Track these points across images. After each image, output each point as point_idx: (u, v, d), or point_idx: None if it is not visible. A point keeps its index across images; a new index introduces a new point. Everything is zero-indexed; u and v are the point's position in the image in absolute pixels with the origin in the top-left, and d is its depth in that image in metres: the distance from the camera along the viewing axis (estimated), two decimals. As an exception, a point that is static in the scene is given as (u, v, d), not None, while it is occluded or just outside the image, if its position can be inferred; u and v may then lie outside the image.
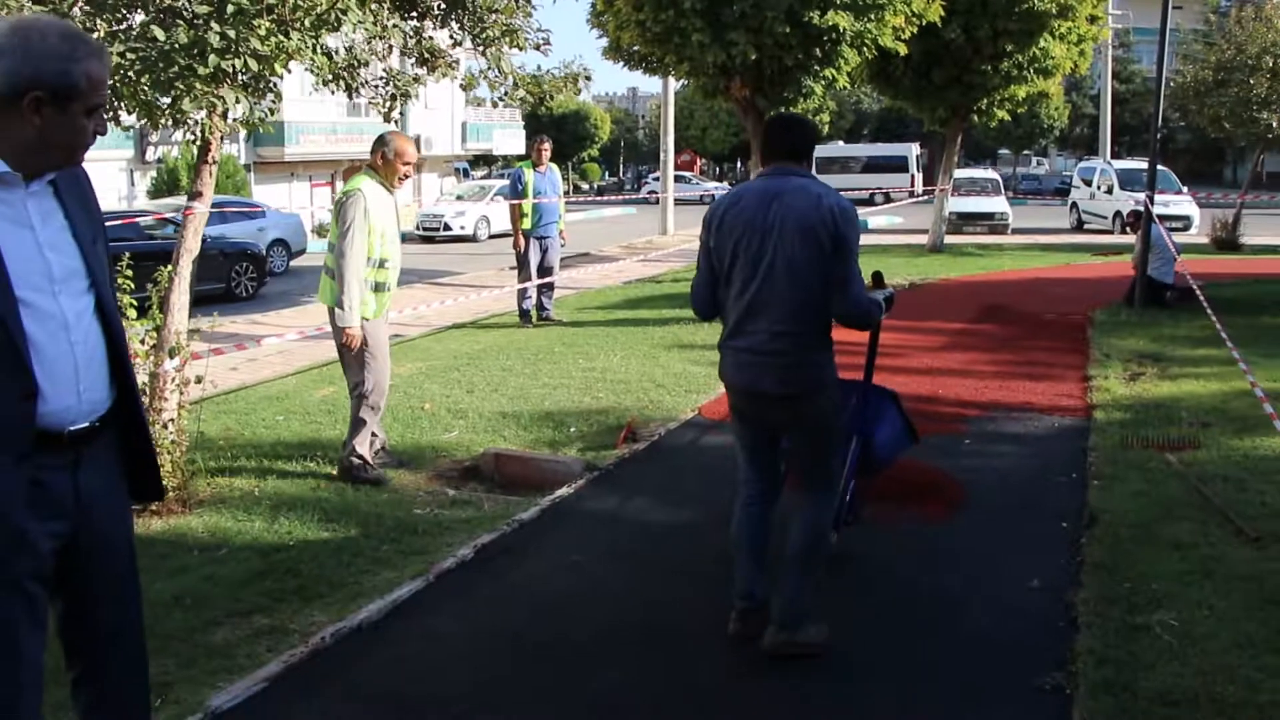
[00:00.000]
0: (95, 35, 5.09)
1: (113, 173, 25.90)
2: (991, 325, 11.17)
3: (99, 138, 2.49)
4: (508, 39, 5.97)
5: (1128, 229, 22.11)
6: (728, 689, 3.78)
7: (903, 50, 13.88)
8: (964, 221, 24.72)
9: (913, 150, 42.22)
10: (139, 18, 5.17)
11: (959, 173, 27.70)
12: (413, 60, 6.31)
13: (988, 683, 3.78)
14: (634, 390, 8.38)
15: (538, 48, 6.32)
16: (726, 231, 3.85)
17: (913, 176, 40.91)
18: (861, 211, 28.28)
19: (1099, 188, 26.81)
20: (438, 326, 11.96)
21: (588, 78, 8.89)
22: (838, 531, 4.58)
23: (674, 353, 9.99)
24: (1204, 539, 5.00)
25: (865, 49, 13.23)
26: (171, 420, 5.62)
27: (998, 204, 25.98)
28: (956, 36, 16.27)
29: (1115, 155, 34.64)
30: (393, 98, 6.10)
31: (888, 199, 35.03)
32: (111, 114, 5.61)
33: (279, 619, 4.23)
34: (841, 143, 51.18)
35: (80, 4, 5.08)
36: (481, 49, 6.11)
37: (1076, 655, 3.88)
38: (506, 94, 6.73)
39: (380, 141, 6.03)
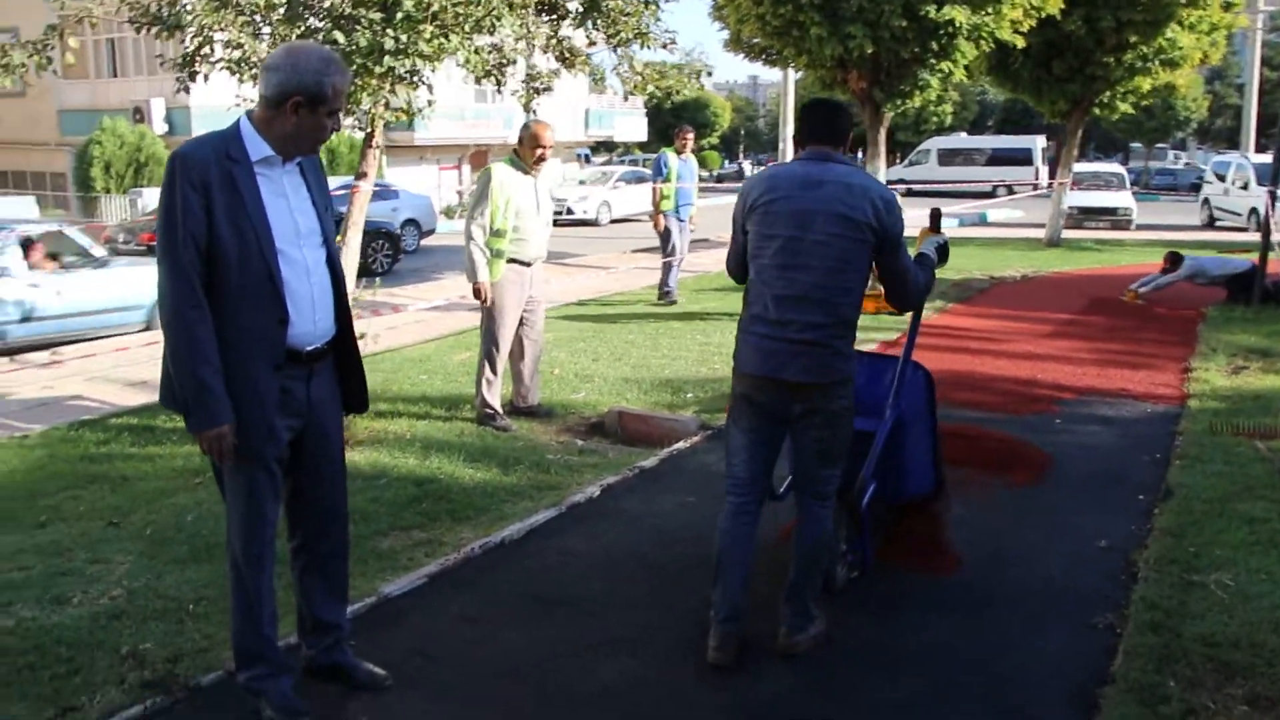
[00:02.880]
0: (285, 39, 5.91)
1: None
2: (1098, 316, 11.42)
3: (338, 131, 3.31)
4: (639, 40, 6.63)
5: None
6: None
7: (1020, 43, 14.09)
8: (1085, 216, 24.38)
9: (1038, 143, 41.54)
10: (325, 23, 5.96)
11: (1082, 166, 27.38)
12: (553, 57, 7.00)
13: (1046, 617, 4.26)
14: (726, 365, 8.93)
15: (665, 47, 6.95)
16: (761, 214, 3.78)
17: (1037, 170, 40.30)
18: (980, 205, 28.28)
19: (1234, 183, 25.86)
20: (562, 303, 12.70)
21: (709, 73, 9.47)
22: (844, 573, 4.46)
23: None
24: (1278, 516, 5.25)
25: (982, 42, 13.50)
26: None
27: (1121, 199, 25.56)
28: (1077, 28, 16.28)
29: (1260, 149, 32.65)
30: (534, 91, 6.81)
31: (1010, 192, 34.76)
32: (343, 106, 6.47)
33: (434, 534, 5.01)
34: (964, 134, 50.60)
35: (277, 14, 5.89)
36: (615, 49, 6.79)
37: (1131, 602, 4.32)
38: (636, 88, 7.37)
39: (523, 128, 6.80)
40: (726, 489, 3.98)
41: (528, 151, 6.76)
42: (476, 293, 6.90)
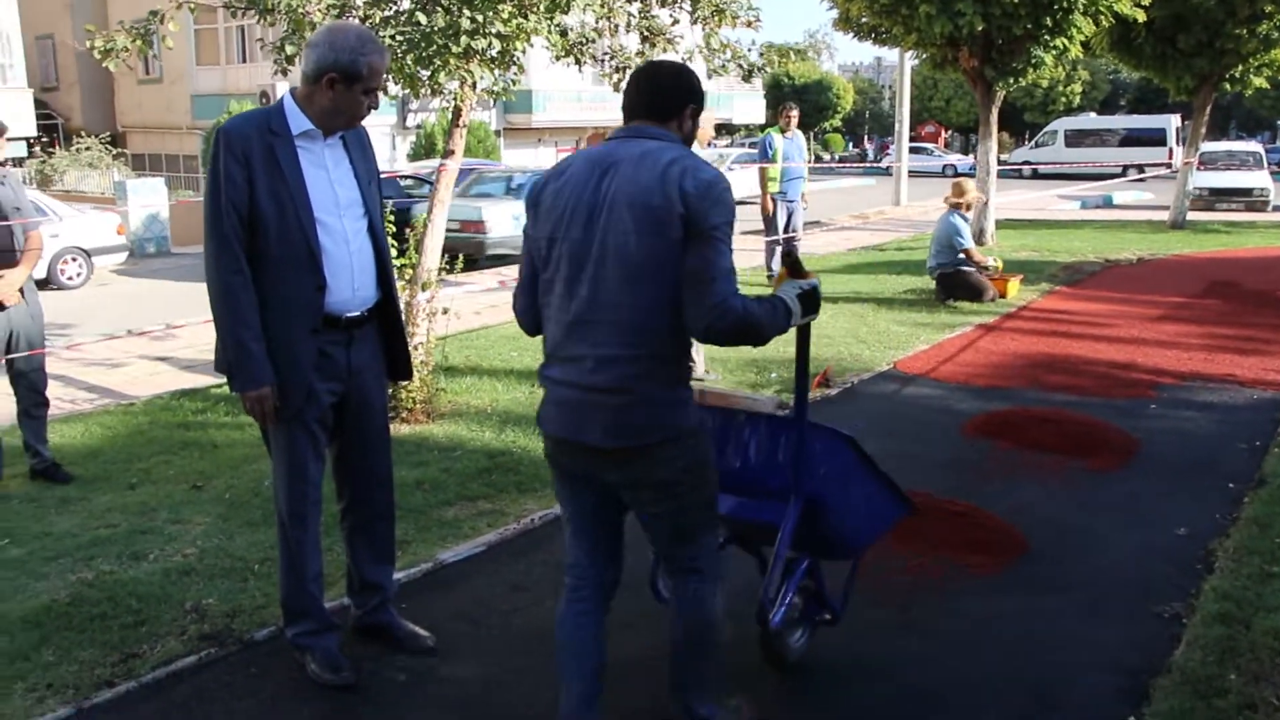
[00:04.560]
0: (371, 21, 6.06)
1: (378, 137, 28.01)
2: (1213, 300, 10.98)
3: (374, 109, 3.36)
4: (717, 17, 6.60)
5: None
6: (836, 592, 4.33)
7: (1142, 17, 13.61)
8: (1217, 198, 23.38)
9: (1172, 122, 39.98)
10: (405, 4, 6.09)
11: (1216, 145, 26.27)
12: (638, 36, 7.02)
13: (1109, 604, 4.14)
14: (837, 344, 8.89)
15: (749, 24, 6.90)
16: (544, 215, 2.84)
17: (1171, 150, 38.79)
18: (1106, 186, 27.35)
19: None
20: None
21: (797, 52, 9.39)
22: (801, 639, 3.68)
23: (881, 312, 10.41)
24: (1378, 510, 5.02)
25: (1101, 17, 13.09)
26: (421, 344, 6.57)
27: (1257, 179, 24.40)
28: (1205, -1, 15.64)
29: None
30: (618, 70, 6.84)
31: (1141, 173, 33.57)
32: (382, 85, 6.62)
33: (498, 505, 5.11)
34: (1093, 114, 48.99)
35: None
36: (695, 25, 6.78)
37: (1202, 591, 4.17)
38: (723, 66, 7.33)
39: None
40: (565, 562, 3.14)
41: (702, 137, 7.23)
42: None
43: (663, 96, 2.86)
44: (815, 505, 3.38)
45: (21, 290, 5.48)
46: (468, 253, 12.96)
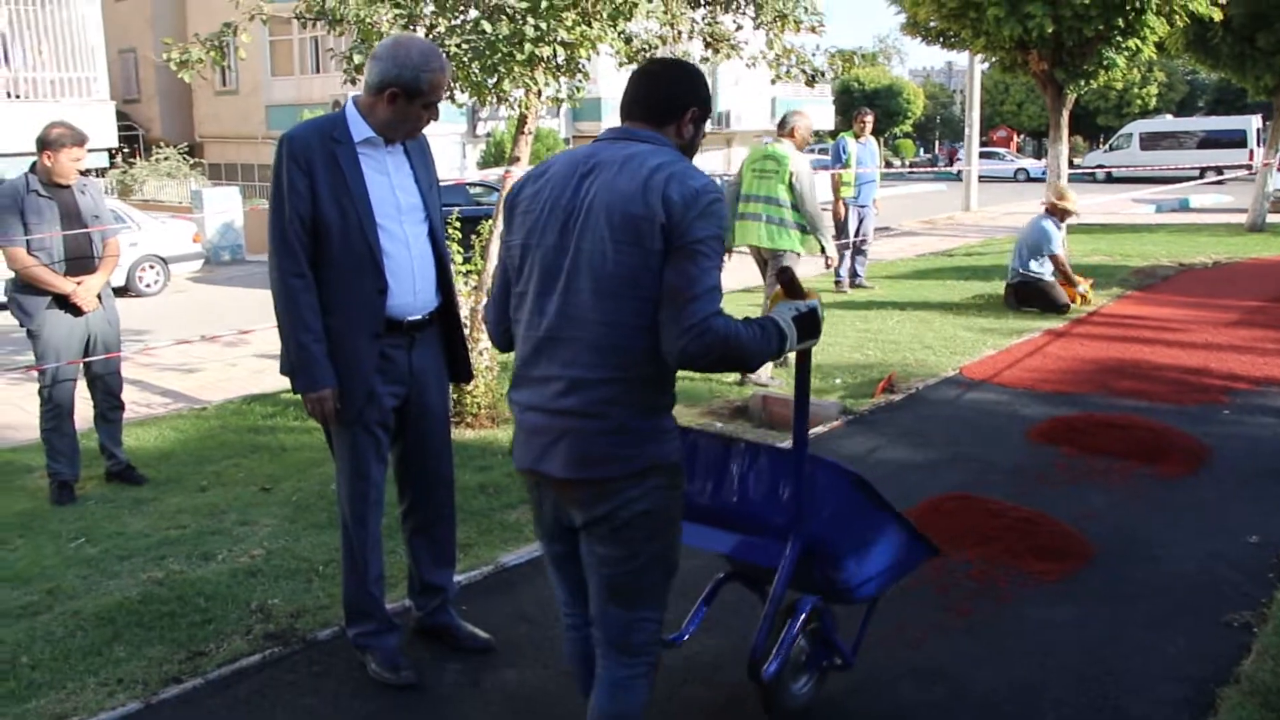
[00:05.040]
0: (438, 30, 6.15)
1: (448, 145, 28.31)
2: (1292, 305, 10.72)
3: (434, 121, 3.42)
4: (779, 22, 6.60)
5: None
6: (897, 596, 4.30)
7: (1218, 16, 13.30)
8: (1298, 199, 22.86)
9: (1252, 123, 39.03)
10: (472, 14, 6.17)
11: (1298, 147, 25.60)
12: (701, 42, 7.04)
13: (1178, 614, 4.06)
14: (902, 349, 8.82)
15: (813, 29, 6.89)
16: (519, 220, 2.60)
17: (1251, 151, 37.86)
18: (1183, 189, 26.77)
19: None
20: (731, 289, 12.70)
21: (864, 56, 9.39)
22: (807, 686, 3.34)
23: (948, 317, 10.31)
24: None
25: (1175, 16, 12.82)
26: (486, 349, 6.64)
27: (1341, 180, 23.79)
28: (1288, -6, 15.24)
29: None
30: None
31: (1219, 174, 32.81)
32: (449, 93, 6.72)
33: (559, 509, 5.14)
34: (1169, 116, 48.00)
35: (429, 4, 6.14)
36: (759, 30, 6.79)
37: (1274, 600, 4.09)
38: (788, 72, 7.33)
39: (792, 117, 7.88)
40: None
41: (802, 140, 7.80)
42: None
43: (662, 98, 2.60)
44: (818, 547, 3.05)
45: (100, 296, 5.64)
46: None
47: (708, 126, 2.76)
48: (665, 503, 2.55)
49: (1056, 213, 10.51)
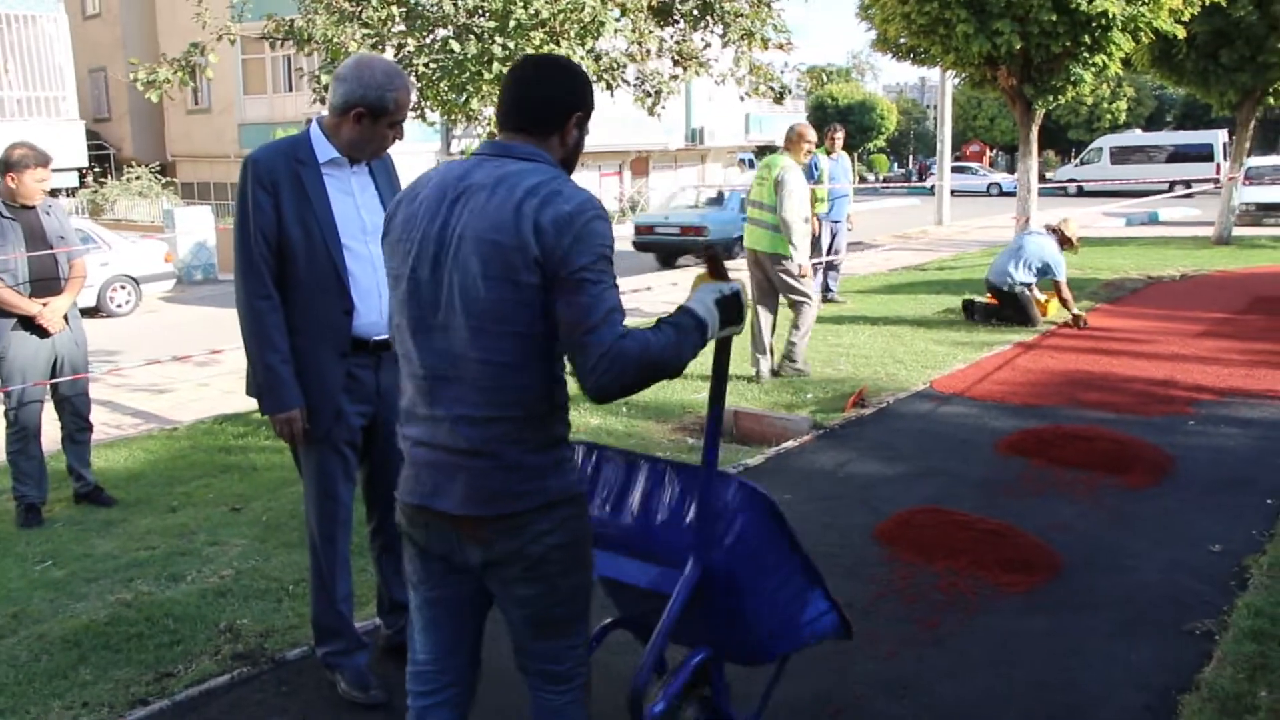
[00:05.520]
0: (406, 49, 6.18)
1: (423, 163, 28.22)
2: (1256, 316, 10.83)
3: (409, 136, 3.47)
4: (747, 40, 6.66)
5: None
6: (866, 608, 4.33)
7: (1181, 33, 13.50)
8: (1264, 212, 23.10)
9: (1219, 138, 39.56)
10: (440, 33, 6.21)
11: (1262, 160, 25.95)
12: (670, 60, 7.10)
13: (1141, 623, 4.10)
14: (873, 364, 8.88)
15: (781, 47, 6.96)
16: (391, 248, 2.41)
17: (1218, 165, 38.34)
18: (1152, 202, 27.06)
19: None
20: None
21: (839, 74, 9.54)
22: None
23: (919, 332, 10.39)
24: None
25: (1141, 33, 13.00)
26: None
27: (1305, 194, 24.15)
28: (1248, 13, 15.45)
29: None
30: (648, 94, 6.92)
31: (1187, 188, 33.17)
32: (420, 112, 6.76)
33: (530, 526, 5.14)
34: (1139, 131, 48.53)
35: (397, 24, 6.18)
36: (726, 47, 6.85)
37: (1235, 608, 4.13)
38: (757, 88, 7.40)
39: (789, 129, 8.05)
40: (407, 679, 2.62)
41: (797, 146, 8.01)
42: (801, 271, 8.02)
43: (539, 104, 2.34)
44: (720, 580, 2.69)
45: (66, 317, 5.62)
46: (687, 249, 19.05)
47: (680, 142, 2.68)
48: (574, 532, 2.40)
49: (1064, 242, 10.64)
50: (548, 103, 2.34)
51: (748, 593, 2.75)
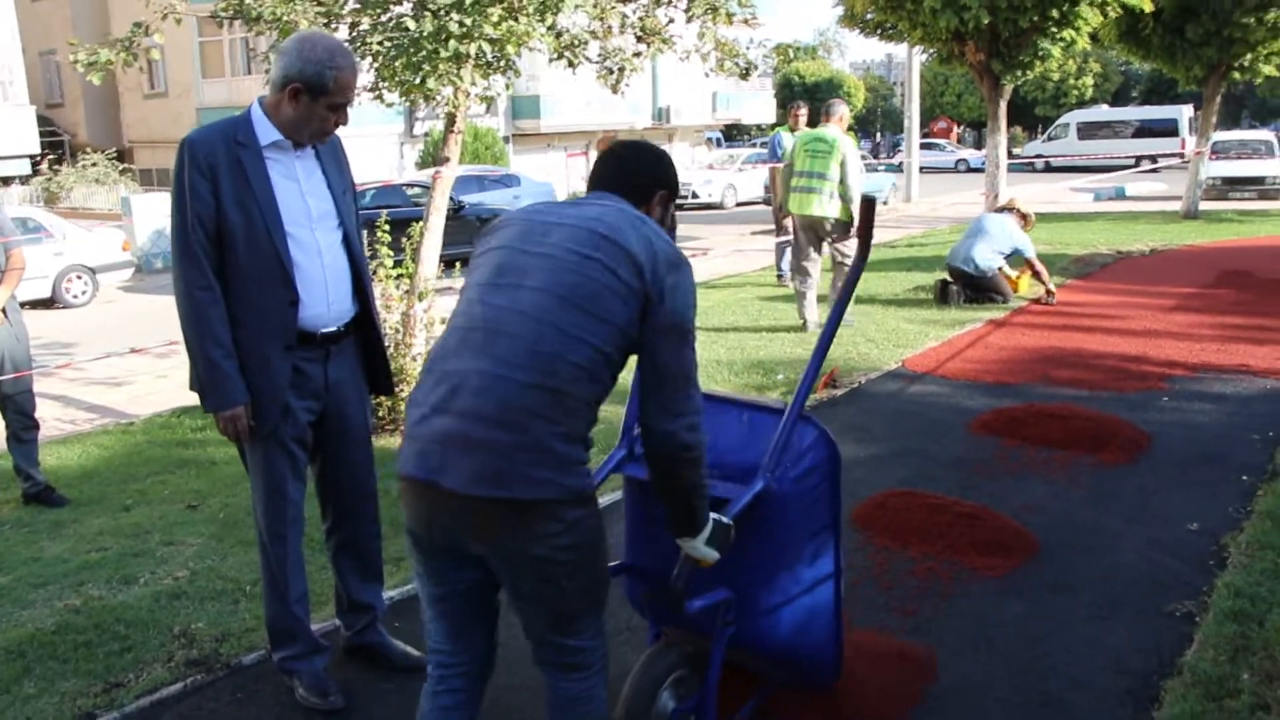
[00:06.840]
0: (360, 27, 5.98)
1: (386, 146, 27.99)
2: (1226, 290, 10.82)
3: (369, 119, 3.30)
4: (711, 15, 6.51)
5: None
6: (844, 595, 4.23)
7: (1148, 7, 13.45)
8: (1229, 186, 23.26)
9: (1184, 113, 39.77)
10: (396, 10, 6.02)
11: (1228, 135, 26.13)
12: (633, 37, 6.93)
13: (1120, 605, 4.02)
14: (845, 343, 8.78)
15: (746, 22, 6.81)
16: (481, 262, 2.49)
17: (1183, 140, 38.55)
18: (1119, 177, 27.15)
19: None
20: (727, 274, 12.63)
21: (805, 51, 9.47)
22: None
23: (890, 310, 10.31)
24: (1395, 499, 4.90)
25: (1108, 8, 12.94)
26: (419, 355, 6.49)
27: (1269, 167, 24.23)
28: (1213, -13, 15.47)
29: None
30: (610, 71, 6.75)
31: (1154, 162, 33.34)
32: (378, 93, 6.56)
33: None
34: (1105, 106, 48.73)
35: (350, 1, 5.98)
36: (690, 23, 6.70)
37: (1215, 588, 4.06)
38: (722, 65, 7.25)
39: (833, 105, 9.25)
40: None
41: (841, 123, 9.07)
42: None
43: (634, 177, 2.58)
44: (774, 506, 2.79)
45: (5, 311, 5.42)
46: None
47: (647, 121, 2.74)
48: (587, 534, 2.35)
49: (1022, 218, 10.58)
50: (635, 177, 2.59)
51: (788, 535, 2.84)
